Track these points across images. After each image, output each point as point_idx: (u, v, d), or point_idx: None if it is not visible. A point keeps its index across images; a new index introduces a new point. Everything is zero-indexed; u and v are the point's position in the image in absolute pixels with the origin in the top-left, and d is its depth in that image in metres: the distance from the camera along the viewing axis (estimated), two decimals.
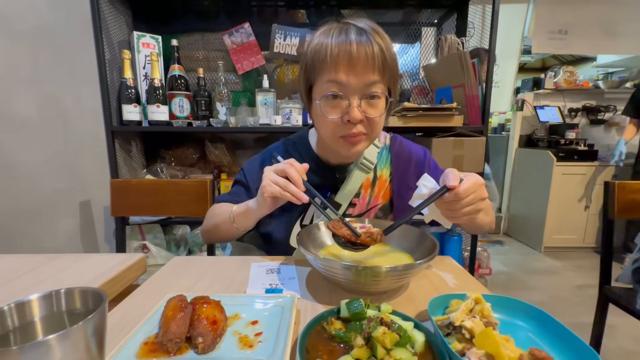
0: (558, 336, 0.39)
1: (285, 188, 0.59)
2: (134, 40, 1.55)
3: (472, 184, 0.52)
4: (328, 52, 0.60)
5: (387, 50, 0.61)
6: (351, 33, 0.60)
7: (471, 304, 0.43)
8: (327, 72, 0.61)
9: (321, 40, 0.62)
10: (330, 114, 0.64)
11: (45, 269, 0.61)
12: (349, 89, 0.61)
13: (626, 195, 1.20)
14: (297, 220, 0.76)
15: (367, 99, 0.63)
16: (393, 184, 0.79)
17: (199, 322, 0.39)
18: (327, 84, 0.62)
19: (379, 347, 0.35)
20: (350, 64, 0.60)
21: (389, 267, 0.47)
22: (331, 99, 0.63)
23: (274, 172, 0.61)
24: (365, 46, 0.59)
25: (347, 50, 0.59)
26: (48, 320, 0.30)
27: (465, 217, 0.54)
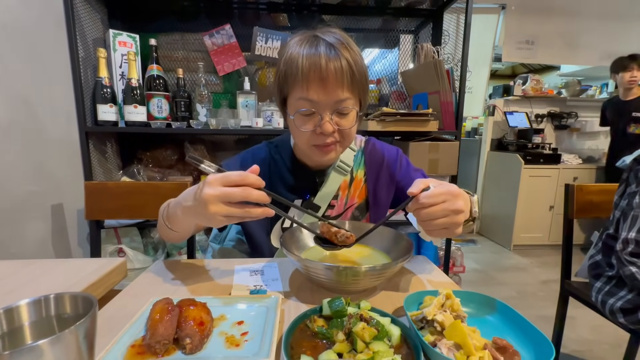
0: (519, 327, 0.44)
1: (245, 216, 0.49)
2: (109, 38, 1.50)
3: (439, 192, 0.48)
4: (300, 69, 0.61)
5: (355, 65, 0.63)
6: (320, 46, 0.61)
7: (442, 300, 0.46)
8: (299, 89, 0.63)
9: (293, 51, 0.63)
10: (304, 127, 0.66)
11: (22, 275, 0.59)
12: (320, 106, 0.64)
13: (584, 196, 1.31)
14: (278, 222, 0.78)
15: (338, 113, 0.66)
16: (368, 184, 0.83)
17: (186, 324, 0.40)
18: (300, 100, 0.64)
19: (359, 341, 0.38)
20: (320, 83, 0.61)
21: (368, 267, 0.50)
22: (304, 114, 0.65)
23: (222, 199, 0.47)
24: (333, 61, 0.60)
25: (316, 68, 0.60)
26: (37, 325, 0.31)
27: (441, 230, 0.50)
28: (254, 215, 0.49)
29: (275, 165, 0.80)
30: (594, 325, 1.79)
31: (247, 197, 0.47)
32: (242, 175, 0.48)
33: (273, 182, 0.79)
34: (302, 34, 0.66)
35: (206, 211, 0.47)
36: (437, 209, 0.48)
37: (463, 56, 1.51)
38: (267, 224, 0.79)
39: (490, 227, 3.30)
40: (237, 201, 0.47)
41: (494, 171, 3.27)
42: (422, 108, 1.60)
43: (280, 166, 0.80)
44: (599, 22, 3.02)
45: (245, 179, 0.48)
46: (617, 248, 0.99)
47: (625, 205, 1.04)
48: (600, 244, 1.15)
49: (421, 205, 0.49)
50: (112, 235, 1.59)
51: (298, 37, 0.66)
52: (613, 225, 1.10)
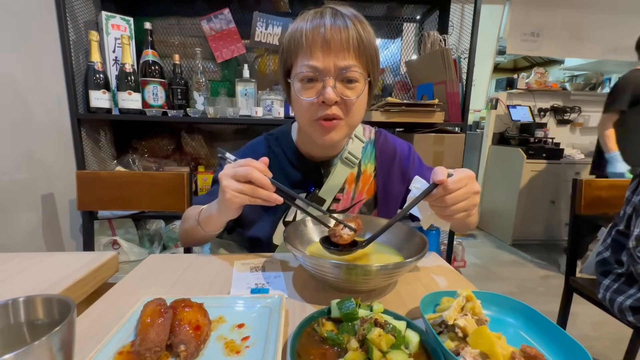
0: (547, 333, 0.40)
1: (253, 195, 0.55)
2: (102, 21, 1.43)
3: (462, 177, 0.50)
4: (303, 35, 0.59)
5: (364, 34, 0.60)
6: (326, 16, 0.60)
7: (462, 302, 0.42)
8: (302, 55, 0.61)
9: (298, 25, 0.62)
10: (306, 95, 0.62)
11: (1, 270, 0.55)
12: (323, 71, 0.60)
13: (592, 192, 1.27)
14: (281, 219, 0.74)
15: (344, 82, 0.61)
16: (378, 179, 0.78)
17: (180, 328, 0.36)
18: (302, 67, 0.61)
19: (375, 350, 0.34)
20: (323, 45, 0.59)
21: (380, 266, 0.46)
22: (306, 81, 0.61)
23: (234, 179, 0.55)
24: (339, 28, 0.58)
25: (320, 31, 0.58)
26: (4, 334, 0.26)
27: (461, 213, 0.51)
28: (260, 194, 0.54)
29: (275, 158, 0.75)
30: (596, 322, 1.78)
31: (249, 174, 0.54)
32: (247, 160, 0.56)
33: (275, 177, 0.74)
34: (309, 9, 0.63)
35: (221, 188, 0.56)
36: (461, 193, 0.50)
37: (471, 45, 1.45)
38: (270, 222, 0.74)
39: (490, 222, 3.28)
40: (243, 179, 0.54)
41: (496, 165, 3.23)
42: (427, 99, 1.55)
43: (282, 159, 0.75)
44: (606, 14, 2.96)
45: (250, 162, 0.55)
46: (629, 245, 0.96)
47: (638, 202, 1.00)
48: (609, 241, 1.12)
49: (449, 191, 0.49)
50: (106, 227, 1.55)
51: (304, 13, 0.63)
52: (623, 222, 1.06)
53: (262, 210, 0.74)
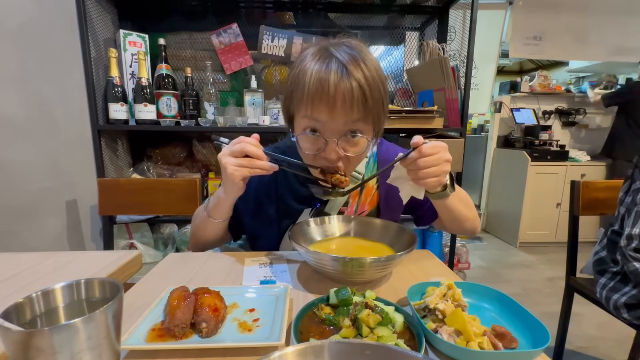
0: (517, 315, 0.46)
1: (252, 166, 0.60)
2: (120, 38, 1.54)
3: (436, 144, 0.56)
4: (306, 86, 0.58)
5: (369, 88, 0.58)
6: (332, 67, 0.58)
7: (444, 290, 0.48)
8: (304, 108, 0.61)
9: (301, 70, 0.60)
10: (307, 149, 0.64)
11: (44, 266, 0.63)
12: (325, 128, 0.61)
13: (590, 193, 1.31)
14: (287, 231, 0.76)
15: (347, 137, 0.62)
16: (380, 190, 0.80)
17: (202, 310, 0.43)
18: (304, 119, 0.62)
19: (364, 327, 0.40)
20: (327, 105, 0.58)
21: (373, 258, 0.52)
22: (308, 135, 0.63)
23: (232, 156, 0.60)
24: (344, 84, 0.57)
25: (324, 88, 0.57)
26: (70, 307, 0.34)
27: (432, 178, 0.56)
28: (256, 164, 0.60)
29: (282, 173, 0.77)
30: (600, 322, 1.79)
31: (244, 148, 0.60)
32: (240, 137, 0.62)
33: (280, 192, 0.77)
34: (316, 45, 0.63)
35: (222, 166, 0.61)
36: (434, 158, 0.55)
37: (469, 53, 1.51)
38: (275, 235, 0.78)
39: (496, 224, 3.30)
40: (240, 155, 0.60)
41: (500, 168, 3.25)
42: (428, 105, 1.61)
43: (288, 175, 0.77)
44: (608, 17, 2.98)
45: (243, 139, 0.62)
46: (621, 244, 1.00)
47: (629, 202, 1.04)
48: (605, 240, 1.16)
49: (422, 155, 0.55)
50: (124, 231, 1.64)
51: (311, 49, 0.63)
52: (618, 222, 1.10)
53: (269, 225, 0.78)
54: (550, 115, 3.27)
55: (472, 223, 0.75)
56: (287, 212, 0.78)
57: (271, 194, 0.78)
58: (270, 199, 0.78)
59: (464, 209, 0.72)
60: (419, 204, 0.79)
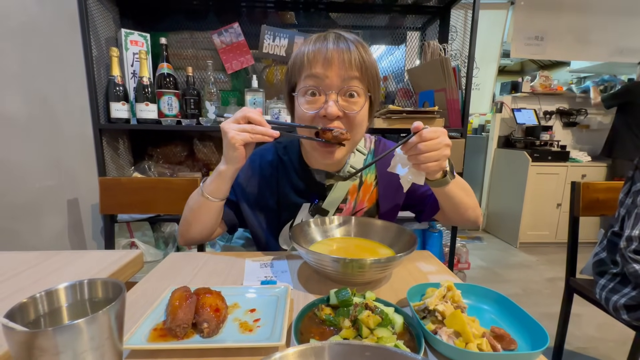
0: (516, 317, 0.46)
1: (253, 131, 0.60)
2: (121, 37, 1.54)
3: (436, 129, 0.58)
4: (305, 55, 0.64)
5: (365, 56, 0.64)
6: (329, 39, 0.64)
7: (444, 291, 0.49)
8: (305, 69, 0.65)
9: (301, 48, 0.67)
10: (308, 108, 0.65)
11: (45, 266, 0.63)
12: (325, 84, 0.64)
13: (590, 194, 1.31)
14: (287, 225, 0.79)
15: (346, 96, 0.65)
16: (379, 187, 0.81)
17: (203, 310, 0.43)
18: (305, 80, 0.65)
19: (364, 328, 0.40)
20: (325, 62, 0.63)
21: (373, 260, 0.52)
22: (309, 95, 0.65)
23: (234, 122, 0.61)
24: (342, 49, 0.63)
25: (322, 51, 0.63)
26: (73, 307, 0.34)
27: (432, 162, 0.57)
28: (258, 130, 0.60)
29: (283, 167, 0.79)
30: (600, 323, 1.79)
31: (246, 114, 0.61)
32: (243, 108, 0.63)
33: (281, 186, 0.79)
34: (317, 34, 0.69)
35: (223, 132, 0.61)
36: (434, 142, 0.57)
37: (470, 53, 1.51)
38: (275, 226, 0.79)
39: (496, 225, 3.30)
40: (243, 121, 0.61)
41: (501, 168, 3.25)
42: (429, 105, 1.61)
43: (289, 169, 0.79)
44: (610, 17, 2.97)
45: (245, 108, 0.63)
46: (621, 245, 1.00)
47: (630, 203, 1.04)
48: (605, 242, 1.16)
49: (423, 139, 0.56)
50: (125, 230, 1.64)
51: (309, 37, 0.68)
52: (618, 223, 1.10)
53: (269, 215, 0.79)
54: (552, 116, 3.27)
55: (474, 212, 0.75)
56: (286, 206, 0.79)
57: (272, 186, 0.79)
58: (272, 192, 0.79)
59: (465, 196, 0.71)
60: (419, 198, 0.80)
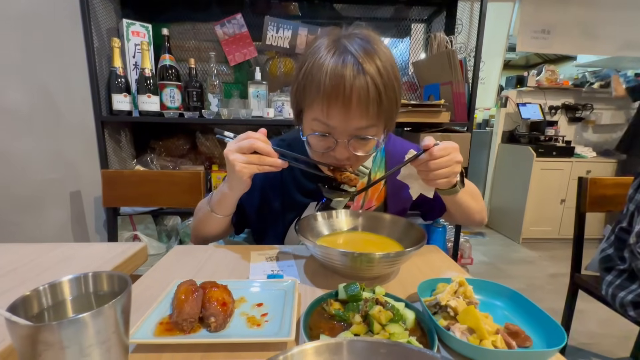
0: (530, 313, 0.45)
1: (261, 163, 0.58)
2: (123, 28, 1.52)
3: (447, 146, 0.56)
4: (321, 88, 0.56)
5: (384, 87, 0.57)
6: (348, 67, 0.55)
7: (456, 287, 0.48)
8: (317, 110, 0.59)
9: (316, 62, 0.58)
10: (317, 147, 0.63)
11: (48, 258, 0.62)
12: (337, 131, 0.60)
13: (597, 190, 1.29)
14: (292, 225, 0.77)
15: (357, 139, 0.61)
16: (387, 186, 0.79)
17: (210, 304, 0.42)
18: (315, 122, 0.61)
19: (375, 323, 0.39)
20: (342, 109, 0.57)
21: (382, 254, 0.51)
22: (318, 136, 0.62)
23: (240, 152, 0.58)
24: (359, 83, 0.55)
25: (339, 91, 0.55)
26: (78, 300, 0.33)
27: (442, 179, 0.56)
28: (266, 161, 0.58)
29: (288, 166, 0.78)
30: (603, 319, 1.79)
31: (253, 145, 0.57)
32: (247, 133, 0.59)
33: (286, 185, 0.77)
34: (327, 34, 0.61)
35: (229, 163, 0.58)
36: (445, 160, 0.55)
37: (477, 46, 1.48)
38: (280, 230, 0.77)
39: (499, 220, 3.28)
40: (249, 151, 0.58)
41: (505, 164, 3.23)
42: (434, 99, 1.59)
43: (294, 167, 0.75)
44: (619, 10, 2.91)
45: (251, 134, 0.59)
46: (630, 241, 0.98)
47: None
48: (613, 238, 1.14)
49: (433, 157, 0.55)
50: (128, 222, 1.64)
51: (322, 40, 0.60)
52: (627, 219, 1.09)
53: (274, 218, 0.77)
54: (557, 111, 3.23)
55: (480, 215, 0.76)
56: (292, 206, 0.77)
57: (276, 188, 0.77)
58: (276, 193, 0.77)
59: (472, 202, 0.72)
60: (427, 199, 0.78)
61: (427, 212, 0.83)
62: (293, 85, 0.64)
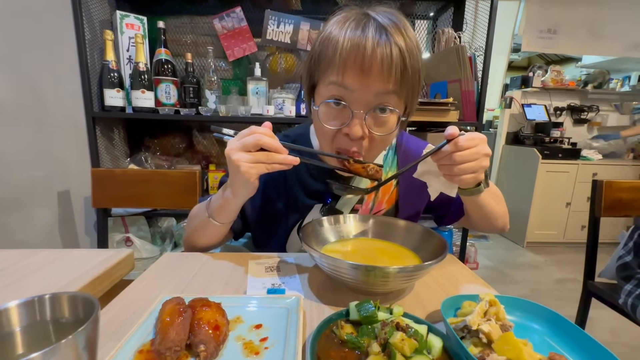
0: (575, 340, 0.38)
1: (269, 161, 0.50)
2: (116, 20, 1.45)
3: (474, 136, 0.49)
4: (338, 49, 0.51)
5: (409, 57, 0.52)
6: (369, 29, 0.51)
7: (486, 306, 0.41)
8: (333, 73, 0.53)
9: (333, 31, 0.53)
10: (329, 121, 0.56)
11: (23, 266, 0.55)
12: (354, 97, 0.53)
13: (613, 193, 1.23)
14: (294, 228, 0.70)
15: (375, 113, 0.55)
16: (400, 187, 0.72)
17: (199, 328, 0.35)
18: (331, 86, 0.54)
19: (398, 355, 0.33)
20: (360, 70, 0.51)
21: (399, 268, 0.45)
22: (332, 106, 0.55)
23: (244, 151, 0.50)
24: (383, 49, 0.50)
25: (359, 52, 0.50)
26: (30, 331, 0.26)
27: (468, 174, 0.49)
28: (275, 159, 0.50)
29: None
30: (614, 327, 1.73)
31: (259, 141, 0.50)
32: (250, 128, 0.52)
33: (290, 185, 0.70)
34: (349, 10, 0.55)
35: (232, 164, 0.50)
36: (471, 152, 0.49)
37: (487, 43, 1.42)
38: (283, 233, 0.71)
39: None
40: (254, 148, 0.50)
41: (509, 166, 3.17)
42: (441, 97, 1.52)
43: (298, 166, 0.72)
44: (626, 10, 2.86)
45: (255, 129, 0.51)
46: None
47: None
48: (631, 244, 1.08)
49: (459, 148, 0.48)
50: (120, 224, 1.57)
51: (343, 13, 0.55)
52: None
53: (276, 221, 0.71)
54: (562, 112, 3.18)
55: (502, 220, 0.70)
56: (296, 208, 0.70)
57: (279, 188, 0.70)
58: (279, 193, 0.70)
59: (496, 205, 0.65)
60: (444, 201, 0.71)
61: (442, 217, 0.76)
62: (308, 58, 0.59)
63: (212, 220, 0.60)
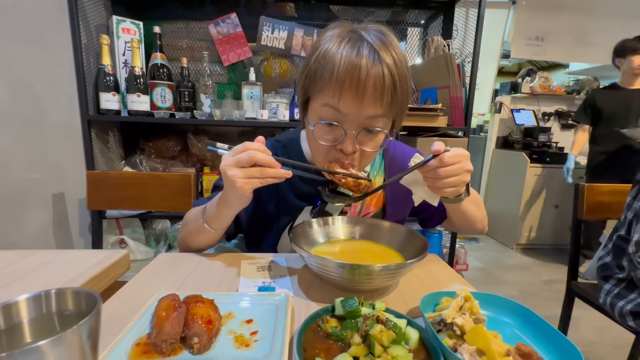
0: (541, 332, 0.42)
1: (263, 176, 0.53)
2: (113, 24, 1.47)
3: (458, 153, 0.53)
4: (335, 71, 0.54)
5: (399, 79, 0.55)
6: (363, 51, 0.54)
7: (461, 302, 0.44)
8: (329, 95, 0.56)
9: (330, 48, 0.56)
10: (323, 139, 0.60)
11: (22, 266, 0.57)
12: (347, 119, 0.57)
13: (594, 197, 1.28)
14: (285, 230, 0.73)
15: (365, 131, 0.59)
16: (386, 191, 0.76)
17: (193, 322, 0.38)
18: (326, 107, 0.57)
19: (377, 345, 0.36)
20: (355, 94, 0.54)
21: (382, 266, 0.48)
22: (326, 125, 0.59)
23: (239, 167, 0.53)
24: (376, 71, 0.53)
25: (355, 76, 0.53)
26: (37, 322, 0.29)
27: (450, 188, 0.54)
28: (269, 173, 0.53)
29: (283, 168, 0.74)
30: (598, 327, 1.78)
31: (253, 157, 0.52)
32: (244, 144, 0.54)
33: (281, 187, 0.72)
34: (340, 25, 0.59)
35: (227, 180, 0.53)
36: (455, 168, 0.52)
37: (475, 51, 1.47)
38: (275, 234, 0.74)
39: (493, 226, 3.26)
40: (248, 164, 0.52)
41: (499, 169, 3.23)
42: (431, 103, 1.57)
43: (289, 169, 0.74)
44: (611, 19, 2.96)
45: (248, 145, 0.53)
46: (629, 250, 0.97)
47: (638, 207, 1.01)
48: (610, 246, 1.13)
49: (443, 164, 0.52)
50: (114, 226, 1.58)
51: (337, 30, 0.58)
52: (625, 227, 1.07)
53: (267, 223, 0.73)
54: (550, 117, 3.26)
55: (481, 223, 0.74)
56: (286, 210, 0.73)
57: (271, 191, 0.73)
58: (271, 196, 0.73)
59: (476, 210, 0.69)
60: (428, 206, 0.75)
61: (426, 220, 0.80)
62: (302, 71, 0.61)
63: (206, 226, 0.63)
